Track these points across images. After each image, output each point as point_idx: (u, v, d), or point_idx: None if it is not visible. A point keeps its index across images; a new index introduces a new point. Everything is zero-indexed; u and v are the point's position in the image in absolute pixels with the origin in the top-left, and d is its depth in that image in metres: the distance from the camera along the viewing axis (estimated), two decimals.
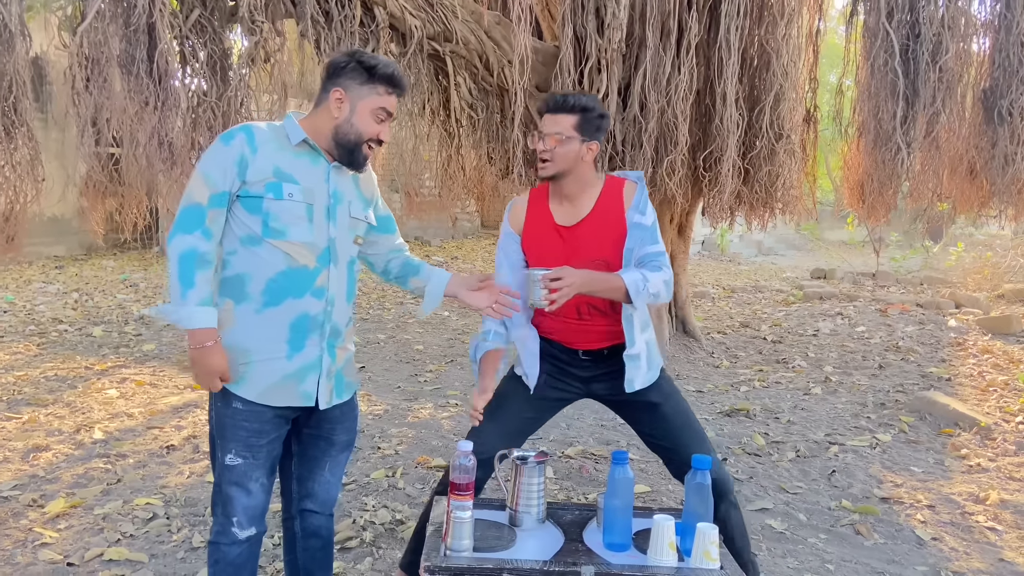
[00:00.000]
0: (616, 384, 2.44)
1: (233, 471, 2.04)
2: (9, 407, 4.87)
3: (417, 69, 5.47)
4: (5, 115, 3.65)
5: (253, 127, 2.05)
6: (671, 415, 2.44)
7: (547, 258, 2.40)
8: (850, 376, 6.10)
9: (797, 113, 6.00)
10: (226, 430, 2.04)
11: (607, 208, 2.43)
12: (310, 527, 2.28)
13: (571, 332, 2.45)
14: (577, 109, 2.37)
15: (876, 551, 3.14)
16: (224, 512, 2.06)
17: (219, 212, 1.98)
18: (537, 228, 2.47)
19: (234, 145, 1.99)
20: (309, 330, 2.06)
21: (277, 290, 2.02)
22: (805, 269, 14.47)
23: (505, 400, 2.48)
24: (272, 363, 2.04)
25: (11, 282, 10.42)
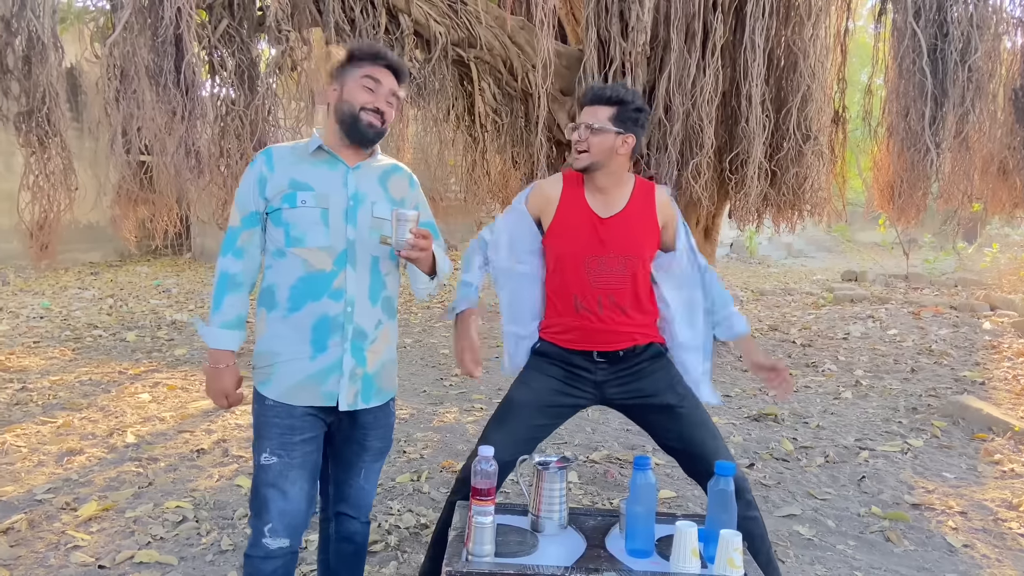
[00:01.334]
0: (632, 388, 2.45)
1: (268, 471, 2.06)
2: (44, 411, 4.97)
3: (442, 75, 5.51)
4: (39, 126, 3.74)
5: (274, 149, 2.18)
6: (686, 417, 2.44)
7: (578, 245, 2.42)
8: (881, 380, 6.02)
9: (825, 114, 5.94)
10: (261, 428, 2.11)
11: (640, 206, 2.47)
12: (344, 531, 2.31)
13: (590, 332, 2.44)
14: (614, 101, 2.39)
15: (906, 558, 3.09)
16: (257, 521, 2.07)
17: (252, 232, 2.12)
18: (572, 215, 2.46)
19: (255, 168, 2.13)
20: (330, 331, 2.10)
21: (298, 295, 2.09)
22: (836, 271, 14.29)
23: (516, 407, 2.48)
24: (295, 363, 2.09)
25: (48, 288, 10.64)
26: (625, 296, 2.42)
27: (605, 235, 2.42)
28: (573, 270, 2.43)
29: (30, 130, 3.91)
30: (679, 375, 2.52)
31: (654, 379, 2.47)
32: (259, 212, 2.12)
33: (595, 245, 2.41)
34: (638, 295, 2.46)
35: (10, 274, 11.45)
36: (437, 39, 5.32)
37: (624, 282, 2.42)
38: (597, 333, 2.43)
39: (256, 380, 2.13)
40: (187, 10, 3.54)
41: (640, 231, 2.45)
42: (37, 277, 11.52)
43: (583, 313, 2.43)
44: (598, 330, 2.43)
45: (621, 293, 2.42)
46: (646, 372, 2.47)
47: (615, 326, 2.43)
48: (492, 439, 2.42)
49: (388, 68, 2.14)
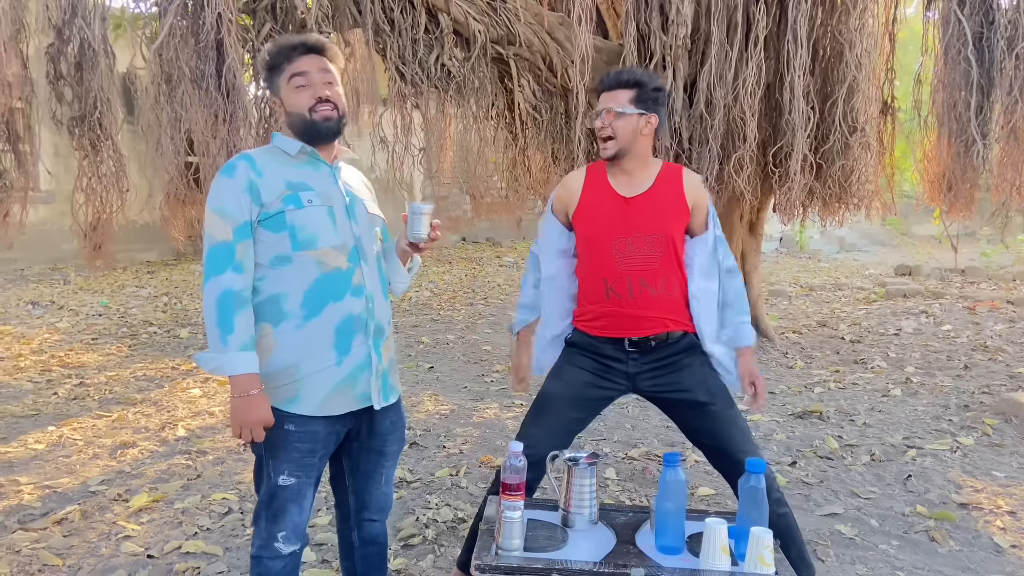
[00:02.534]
0: (665, 382, 2.44)
1: (287, 490, 2.03)
2: (101, 405, 5.15)
3: (481, 73, 5.54)
4: (91, 130, 3.88)
5: (251, 153, 2.04)
6: (718, 413, 2.42)
7: (602, 226, 2.43)
8: (933, 377, 5.87)
9: (873, 105, 5.80)
10: (279, 451, 2.02)
11: (667, 186, 2.46)
12: (368, 536, 2.31)
13: (621, 317, 2.42)
14: (632, 83, 2.40)
15: (951, 558, 3.02)
16: (270, 527, 2.05)
17: (247, 244, 1.95)
18: (595, 197, 2.47)
19: (238, 175, 1.96)
20: (354, 331, 2.05)
21: (316, 299, 1.99)
22: (890, 266, 13.94)
23: (550, 401, 2.49)
24: (322, 373, 2.02)
25: (107, 287, 10.99)
26: (656, 278, 2.40)
27: (631, 215, 2.41)
28: (601, 253, 2.43)
29: (83, 134, 4.06)
30: (712, 372, 2.49)
31: (687, 373, 2.45)
32: (251, 222, 1.95)
33: (621, 226, 2.41)
34: (669, 277, 2.43)
35: (71, 273, 11.86)
36: (476, 37, 5.35)
37: (653, 262, 2.40)
38: (628, 318, 2.41)
39: (277, 400, 1.99)
40: (227, 15, 3.63)
41: (667, 210, 2.43)
42: (96, 276, 11.91)
43: (613, 298, 2.42)
44: (628, 315, 2.41)
45: (651, 275, 2.40)
46: (679, 365, 2.45)
47: (646, 310, 2.41)
48: (528, 434, 2.44)
49: (306, 52, 2.02)
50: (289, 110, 2.04)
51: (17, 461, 4.06)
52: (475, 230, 15.70)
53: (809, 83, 5.45)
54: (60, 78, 4.00)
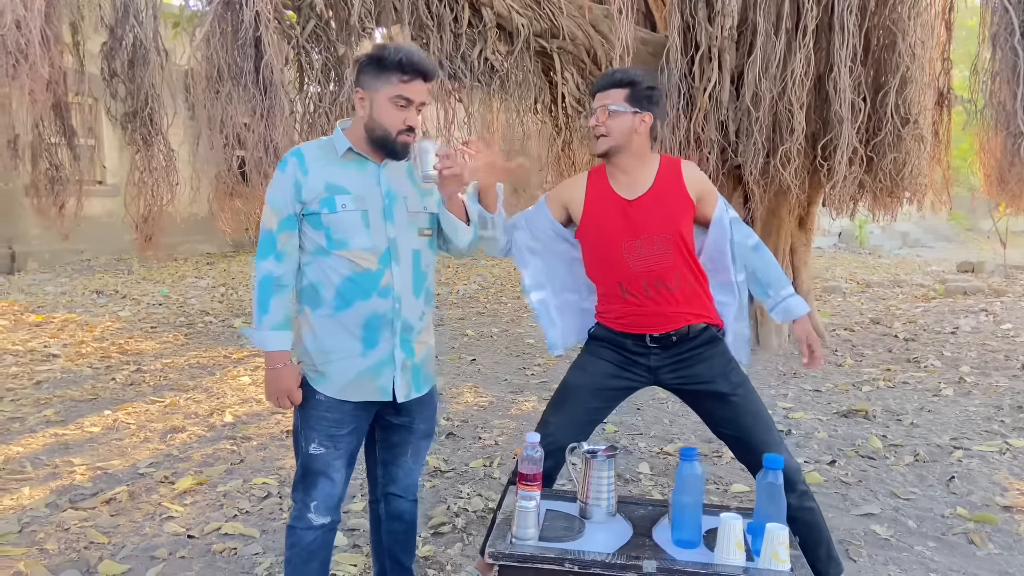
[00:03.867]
0: (686, 374, 2.44)
1: (317, 460, 2.16)
2: (155, 391, 5.35)
3: (525, 67, 5.55)
4: (143, 125, 4.03)
5: (303, 149, 2.16)
6: (740, 404, 2.41)
7: (610, 231, 2.43)
8: (988, 377, 5.68)
9: (927, 96, 5.62)
10: (310, 420, 2.16)
11: (668, 182, 2.45)
12: (394, 510, 2.40)
13: (640, 316, 2.43)
14: (625, 83, 2.39)
15: (988, 561, 2.93)
16: (304, 498, 2.19)
17: (290, 234, 2.11)
18: (599, 203, 2.46)
19: (288, 172, 2.11)
20: (380, 328, 2.15)
21: (346, 294, 2.12)
22: (953, 262, 13.50)
23: (572, 391, 2.51)
24: (348, 361, 2.14)
25: (168, 277, 11.37)
26: (670, 275, 2.40)
27: (636, 216, 2.41)
28: (612, 258, 2.44)
29: (135, 129, 4.22)
30: (735, 362, 2.49)
31: (709, 365, 2.44)
32: (296, 215, 2.11)
33: (628, 229, 2.41)
34: (684, 273, 2.43)
35: (135, 263, 12.30)
36: (520, 31, 5.37)
37: (665, 260, 2.40)
38: (648, 316, 2.42)
39: (308, 376, 2.17)
40: (266, 14, 3.73)
41: (672, 206, 2.42)
42: (159, 266, 12.32)
43: (630, 298, 2.43)
44: (648, 313, 2.42)
45: (665, 273, 2.40)
46: (701, 358, 2.45)
47: (664, 307, 2.41)
48: (550, 423, 2.47)
49: (418, 79, 2.08)
50: (376, 117, 2.10)
51: (73, 443, 4.25)
52: None
53: (860, 74, 5.31)
54: (114, 75, 4.17)
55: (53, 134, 4.37)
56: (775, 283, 2.54)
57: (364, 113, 2.12)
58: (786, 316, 2.53)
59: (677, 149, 5.39)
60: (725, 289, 2.54)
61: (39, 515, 3.31)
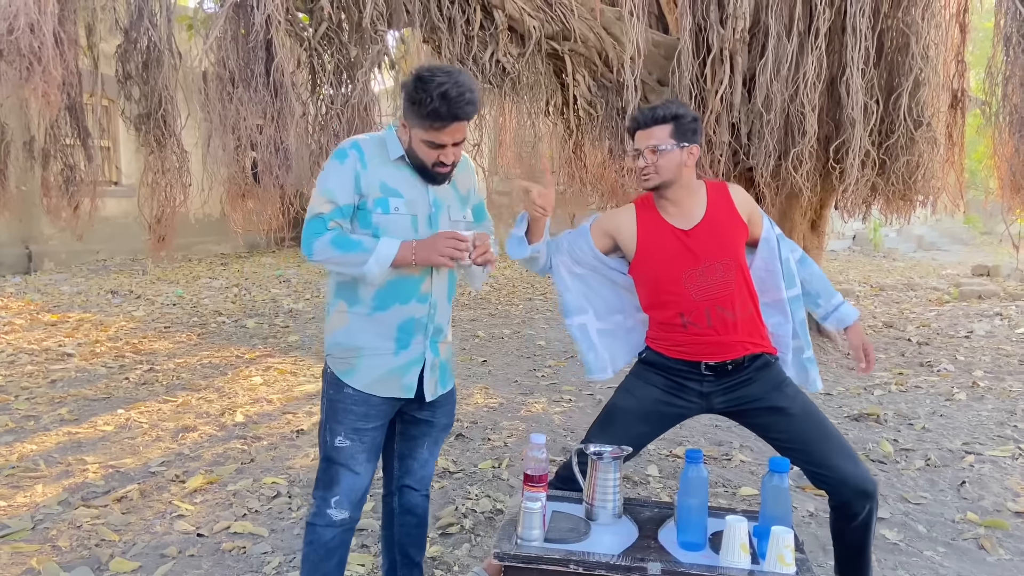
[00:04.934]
0: (737, 396, 2.42)
1: (341, 452, 2.19)
2: (167, 390, 5.39)
3: (536, 69, 5.56)
4: (156, 127, 4.07)
5: (361, 143, 2.16)
6: (799, 417, 2.37)
7: (671, 264, 2.41)
8: (1002, 381, 5.63)
9: (941, 98, 5.59)
10: (338, 414, 2.19)
11: (720, 209, 2.45)
12: (407, 504, 2.43)
13: (700, 345, 2.40)
14: (669, 118, 2.38)
15: (999, 567, 2.91)
16: (324, 493, 2.21)
17: (342, 223, 2.10)
18: (654, 235, 2.44)
19: (348, 163, 2.11)
20: (414, 331, 2.20)
21: (385, 297, 2.15)
22: (968, 266, 13.39)
23: (619, 414, 2.49)
24: (379, 358, 2.18)
25: (182, 278, 11.45)
26: (731, 303, 2.39)
27: (695, 246, 2.40)
28: (673, 289, 2.41)
29: (149, 131, 4.27)
30: (787, 377, 2.47)
31: (760, 384, 2.42)
32: (352, 206, 2.11)
33: (688, 259, 2.39)
34: (745, 299, 2.42)
35: (149, 264, 12.40)
36: (531, 33, 5.37)
37: (727, 287, 2.39)
38: (708, 345, 2.40)
39: (337, 368, 2.20)
40: (276, 16, 3.76)
41: (729, 232, 2.42)
42: (173, 267, 12.41)
43: (691, 328, 2.40)
44: (708, 343, 2.40)
45: (726, 300, 2.39)
46: (753, 379, 2.43)
47: (725, 336, 2.39)
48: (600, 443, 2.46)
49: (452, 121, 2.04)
50: (413, 148, 2.13)
51: (86, 441, 4.30)
52: None
53: (873, 76, 5.28)
54: (128, 77, 4.21)
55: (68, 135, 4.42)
56: (824, 293, 2.56)
57: (406, 142, 2.15)
58: (840, 324, 2.55)
59: None
60: (776, 309, 2.53)
61: (52, 512, 3.35)
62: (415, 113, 2.05)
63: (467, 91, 2.02)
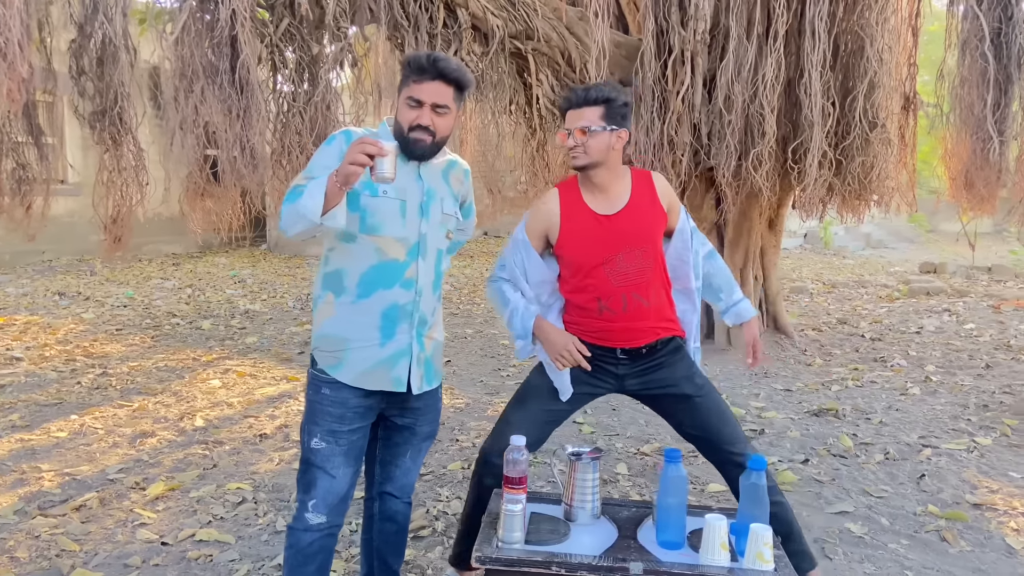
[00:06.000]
0: (650, 379, 2.49)
1: (317, 454, 2.16)
2: (122, 395, 5.24)
3: (500, 68, 5.54)
4: (112, 124, 3.95)
5: (352, 130, 2.19)
6: (704, 405, 2.47)
7: (591, 248, 2.43)
8: (953, 376, 5.80)
9: (894, 100, 5.73)
10: (314, 415, 2.18)
11: (643, 197, 2.47)
12: (387, 511, 2.40)
13: (614, 331, 2.45)
14: (600, 100, 2.38)
15: (961, 559, 2.99)
16: (303, 496, 2.18)
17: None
18: (576, 221, 2.46)
19: (334, 145, 2.14)
20: (399, 319, 2.17)
21: (369, 283, 2.14)
22: (915, 263, 13.78)
23: (535, 391, 2.54)
24: (366, 350, 2.16)
25: (132, 278, 11.16)
26: (648, 289, 2.44)
27: (615, 232, 2.42)
28: (593, 273, 2.44)
29: (104, 128, 4.14)
30: (696, 366, 2.55)
31: (672, 370, 2.49)
32: None
33: (610, 244, 2.42)
34: (659, 286, 2.48)
35: (97, 265, 12.06)
36: (495, 32, 5.35)
37: (644, 274, 2.43)
38: (621, 331, 2.45)
39: (324, 363, 2.17)
40: (242, 12, 3.68)
41: (649, 220, 2.46)
42: (122, 268, 12.10)
43: (606, 314, 2.44)
44: (622, 328, 2.45)
45: (643, 287, 2.43)
46: (666, 364, 2.50)
47: (638, 322, 2.44)
48: (508, 421, 2.50)
49: (435, 80, 2.09)
50: (398, 116, 2.17)
51: (40, 448, 4.16)
52: (496, 224, 15.73)
53: (829, 78, 5.39)
54: (82, 73, 4.08)
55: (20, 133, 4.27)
56: (727, 288, 2.64)
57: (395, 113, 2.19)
58: (737, 319, 2.64)
59: (651, 151, 5.42)
60: (685, 296, 2.59)
61: (8, 522, 3.23)
62: (404, 75, 2.11)
63: (456, 61, 2.12)
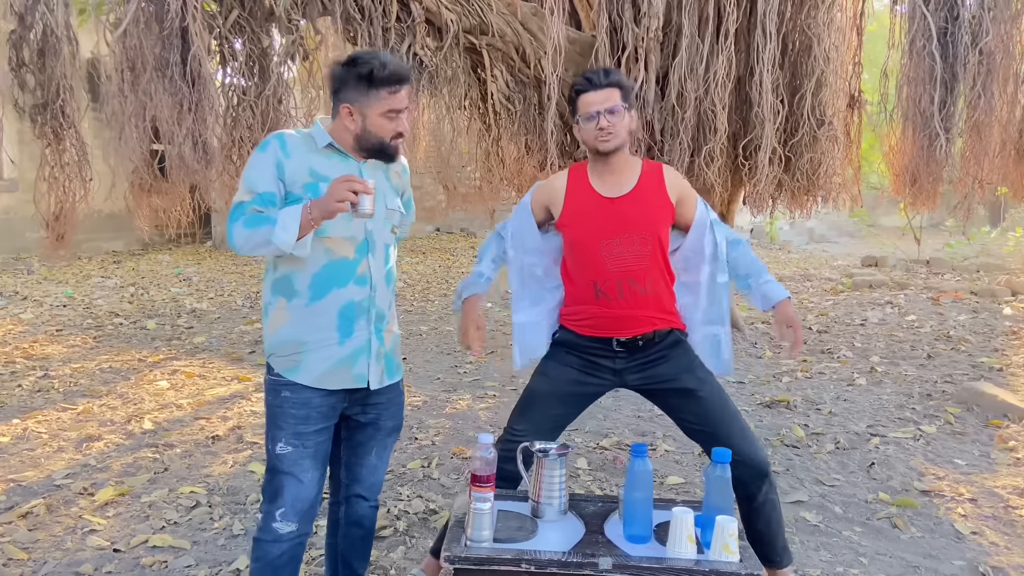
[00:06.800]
0: (650, 374, 2.46)
1: (284, 460, 2.12)
2: (65, 398, 5.07)
3: (454, 63, 5.51)
4: (54, 118, 3.80)
5: (284, 134, 2.14)
6: (706, 400, 2.45)
7: (590, 228, 2.43)
8: (897, 366, 5.97)
9: (840, 98, 5.87)
10: (277, 419, 2.14)
11: (651, 185, 2.48)
12: (354, 515, 2.36)
13: (610, 318, 2.44)
14: (616, 83, 2.41)
15: (912, 545, 3.08)
16: (269, 506, 2.13)
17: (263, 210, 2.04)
18: (580, 201, 2.47)
19: (269, 152, 2.08)
20: (356, 316, 2.15)
21: (321, 283, 2.11)
22: (857, 257, 14.15)
23: (536, 398, 2.51)
24: (325, 350, 2.12)
25: (71, 277, 10.80)
26: (644, 277, 2.43)
27: (617, 216, 2.43)
28: (590, 255, 2.45)
29: (45, 122, 3.98)
30: (698, 359, 2.53)
31: (673, 364, 2.47)
32: (274, 194, 2.06)
33: (609, 227, 2.42)
34: (657, 276, 2.46)
35: (35, 263, 11.64)
36: (449, 27, 5.32)
37: (642, 261, 2.42)
38: (617, 319, 2.44)
39: (281, 368, 2.14)
40: (193, 3, 3.57)
41: (653, 208, 2.45)
42: (60, 266, 11.70)
43: (603, 299, 2.44)
44: (618, 316, 2.43)
45: (640, 274, 2.42)
46: (666, 358, 2.48)
47: (635, 310, 2.43)
48: (515, 430, 2.47)
49: (403, 85, 2.10)
50: (369, 128, 2.11)
51: None
52: (449, 220, 15.66)
53: (778, 77, 5.49)
54: (22, 65, 3.92)
55: None
56: (754, 272, 2.56)
57: (355, 128, 2.11)
58: (766, 302, 2.52)
59: None
60: (689, 290, 2.57)
61: None
62: (371, 84, 2.06)
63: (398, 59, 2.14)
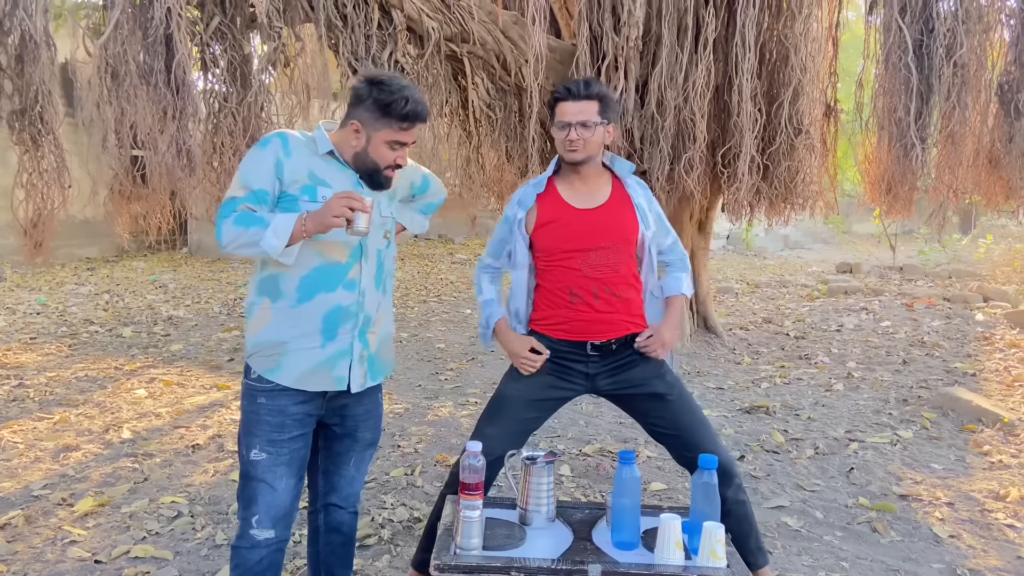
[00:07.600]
0: (621, 379, 2.49)
1: (257, 466, 2.11)
2: (41, 407, 5.00)
3: (435, 71, 5.52)
4: (32, 124, 3.76)
5: (287, 134, 2.14)
6: (675, 404, 2.49)
7: (567, 239, 2.45)
8: (873, 372, 6.06)
9: (817, 107, 5.95)
10: (251, 426, 2.12)
11: (622, 193, 2.51)
12: (333, 522, 2.36)
13: (585, 323, 2.46)
14: (595, 96, 2.43)
15: (892, 549, 3.13)
16: (245, 511, 2.12)
17: (256, 208, 2.03)
18: (555, 210, 2.49)
19: (269, 149, 2.08)
20: (342, 320, 2.14)
21: (309, 286, 2.10)
22: (832, 263, 14.33)
23: (506, 402, 2.52)
24: (306, 352, 2.11)
25: (44, 284, 10.65)
26: (619, 283, 2.46)
27: (593, 226, 2.45)
28: (566, 264, 2.46)
29: (23, 128, 3.93)
30: (666, 364, 2.56)
31: (643, 368, 2.50)
32: (269, 192, 2.05)
33: (586, 237, 2.44)
34: (630, 281, 2.50)
35: (7, 270, 11.46)
36: (430, 34, 5.32)
37: (619, 269, 2.46)
38: (592, 323, 2.46)
39: (261, 368, 2.12)
40: (177, 10, 3.55)
41: (627, 217, 2.49)
42: (34, 273, 11.53)
43: (578, 304, 2.46)
44: (593, 320, 2.46)
45: (615, 281, 2.45)
46: (636, 362, 2.51)
47: (610, 315, 2.46)
48: (484, 433, 2.46)
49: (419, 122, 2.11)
50: (369, 152, 2.12)
51: None
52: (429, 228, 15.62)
53: (756, 86, 5.56)
54: (0, 71, 3.87)
55: None
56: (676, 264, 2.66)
57: (358, 145, 2.12)
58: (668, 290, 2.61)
59: None
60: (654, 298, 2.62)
61: None
62: (387, 114, 2.06)
63: (422, 96, 2.12)
